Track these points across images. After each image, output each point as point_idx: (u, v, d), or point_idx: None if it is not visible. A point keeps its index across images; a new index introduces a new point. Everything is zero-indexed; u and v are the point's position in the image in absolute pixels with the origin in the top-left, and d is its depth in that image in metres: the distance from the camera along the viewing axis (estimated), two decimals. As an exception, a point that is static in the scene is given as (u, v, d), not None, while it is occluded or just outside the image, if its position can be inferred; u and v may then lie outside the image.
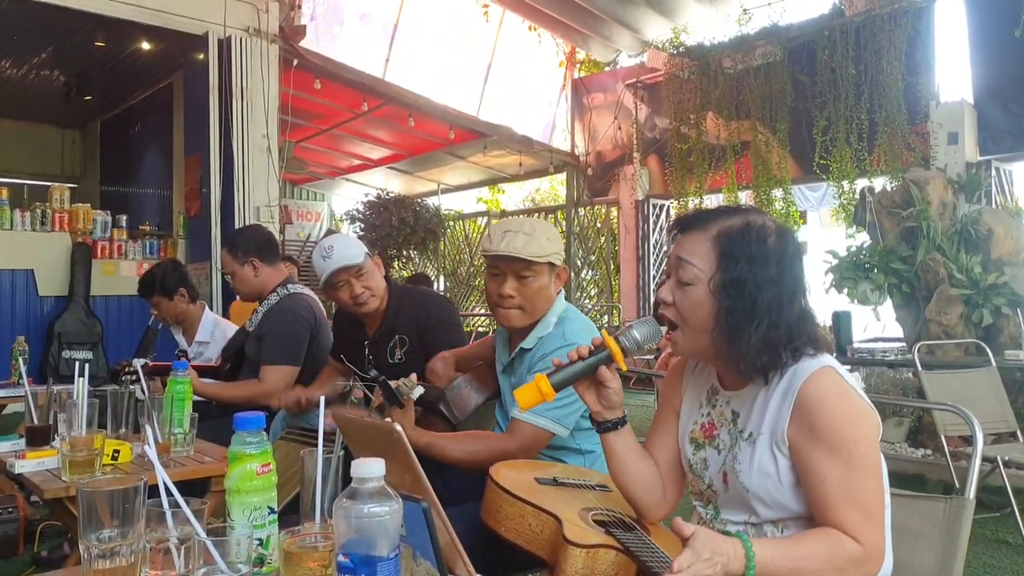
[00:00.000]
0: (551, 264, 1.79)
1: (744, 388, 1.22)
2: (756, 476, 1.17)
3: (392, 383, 1.76)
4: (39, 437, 1.90)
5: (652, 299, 8.45)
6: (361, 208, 9.62)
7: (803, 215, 8.44)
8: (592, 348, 1.24)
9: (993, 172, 5.92)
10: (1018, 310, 4.53)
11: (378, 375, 1.77)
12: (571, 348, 1.67)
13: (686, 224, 1.21)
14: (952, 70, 6.74)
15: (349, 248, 2.29)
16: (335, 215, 11.02)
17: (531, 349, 1.80)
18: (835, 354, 1.23)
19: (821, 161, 6.78)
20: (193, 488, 1.72)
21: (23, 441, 1.93)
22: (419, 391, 1.73)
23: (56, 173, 8.96)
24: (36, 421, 1.93)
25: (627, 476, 1.31)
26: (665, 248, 8.88)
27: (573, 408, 1.69)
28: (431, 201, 10.30)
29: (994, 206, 5.68)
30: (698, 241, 1.17)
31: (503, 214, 10.83)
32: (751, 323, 1.12)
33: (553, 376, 1.22)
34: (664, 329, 1.26)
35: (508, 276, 1.77)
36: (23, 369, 2.04)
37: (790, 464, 1.15)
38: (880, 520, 1.12)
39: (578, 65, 9.69)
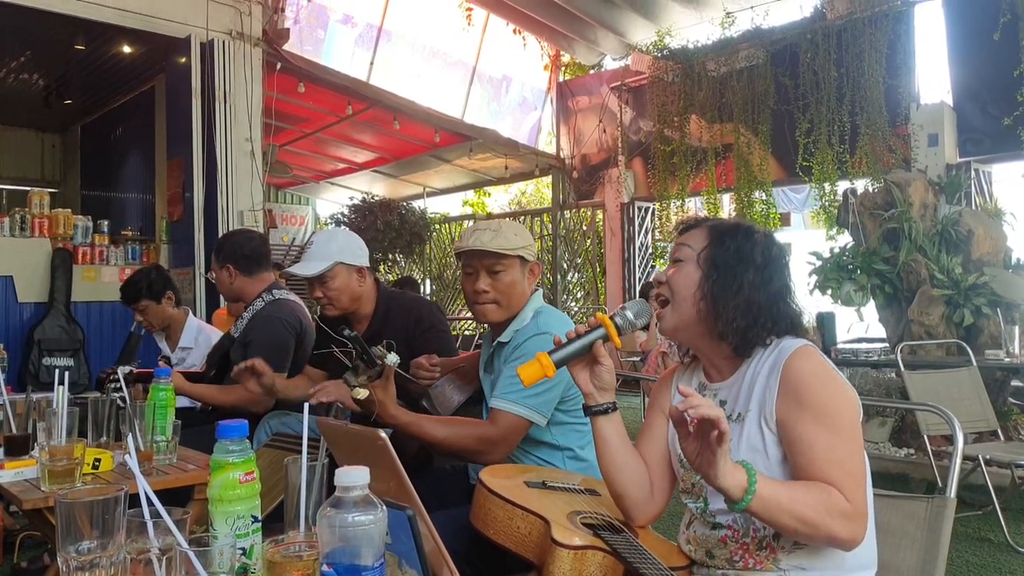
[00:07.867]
0: (522, 259, 1.83)
1: (730, 378, 1.29)
2: (745, 452, 1.21)
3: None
4: (18, 446, 1.86)
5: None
6: (346, 212, 9.58)
7: (785, 217, 8.51)
8: (588, 328, 1.32)
9: (973, 174, 5.99)
10: (998, 310, 4.58)
11: (351, 333, 1.76)
12: (544, 336, 1.73)
13: (689, 224, 1.37)
14: (932, 73, 6.84)
15: (315, 254, 2.31)
16: (320, 219, 10.97)
17: (508, 342, 1.83)
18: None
19: (803, 163, 6.83)
20: (176, 496, 1.70)
21: (1, 451, 1.90)
22: (394, 358, 1.73)
23: (36, 178, 8.85)
24: (15, 430, 1.90)
25: (616, 467, 1.32)
26: (650, 251, 8.92)
27: (549, 397, 1.72)
28: (417, 204, 10.27)
29: (974, 207, 5.75)
30: (695, 231, 1.34)
31: (489, 217, 10.83)
32: (732, 288, 1.24)
33: (554, 353, 1.29)
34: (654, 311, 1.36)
35: (480, 272, 1.82)
36: (1, 377, 2.00)
37: (777, 439, 1.20)
38: (864, 487, 1.16)
39: (563, 68, 9.71)
